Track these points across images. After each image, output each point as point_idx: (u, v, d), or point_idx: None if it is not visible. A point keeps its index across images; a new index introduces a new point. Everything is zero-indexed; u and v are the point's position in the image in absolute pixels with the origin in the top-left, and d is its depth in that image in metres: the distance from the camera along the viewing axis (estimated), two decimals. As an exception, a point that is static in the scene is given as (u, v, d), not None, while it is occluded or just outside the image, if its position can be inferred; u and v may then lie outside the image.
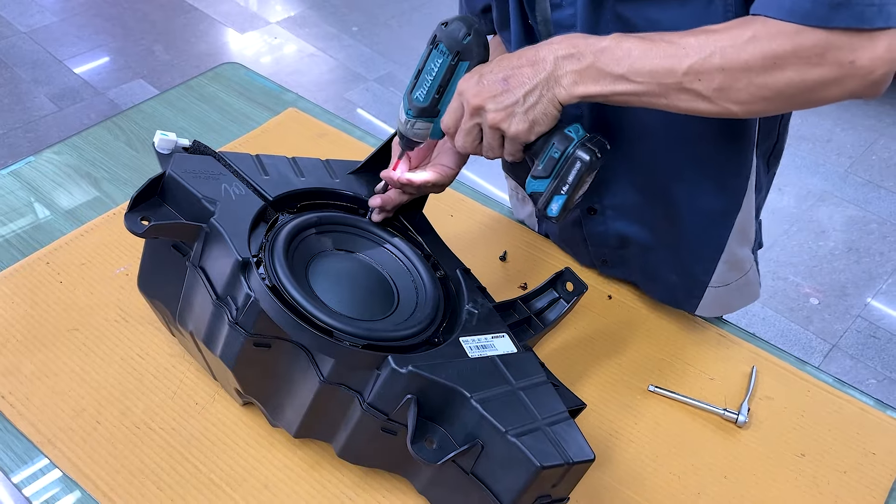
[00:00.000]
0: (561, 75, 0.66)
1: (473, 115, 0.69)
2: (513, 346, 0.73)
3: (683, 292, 0.94)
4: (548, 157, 0.70)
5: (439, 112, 0.74)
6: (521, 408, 0.66)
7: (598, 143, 0.71)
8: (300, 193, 0.79)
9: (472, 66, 0.71)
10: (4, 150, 2.48)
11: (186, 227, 0.72)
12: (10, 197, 1.09)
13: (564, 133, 0.69)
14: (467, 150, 0.72)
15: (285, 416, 0.74)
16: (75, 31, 3.04)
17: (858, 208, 2.43)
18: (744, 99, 0.63)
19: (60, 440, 0.79)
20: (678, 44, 0.63)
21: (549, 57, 0.66)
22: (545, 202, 0.71)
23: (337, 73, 2.94)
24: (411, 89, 0.74)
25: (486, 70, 0.69)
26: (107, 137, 1.20)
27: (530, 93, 0.67)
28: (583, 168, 0.69)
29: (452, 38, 0.70)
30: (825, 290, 2.17)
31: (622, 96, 0.66)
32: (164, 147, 0.77)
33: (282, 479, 0.77)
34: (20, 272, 0.96)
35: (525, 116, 0.67)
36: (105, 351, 0.88)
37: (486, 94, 0.68)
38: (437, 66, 0.71)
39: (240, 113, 1.26)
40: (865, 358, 2.01)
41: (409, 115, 0.75)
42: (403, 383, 0.65)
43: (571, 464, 0.63)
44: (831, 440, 0.85)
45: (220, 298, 0.69)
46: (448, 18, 0.71)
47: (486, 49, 0.72)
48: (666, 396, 0.88)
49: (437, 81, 0.72)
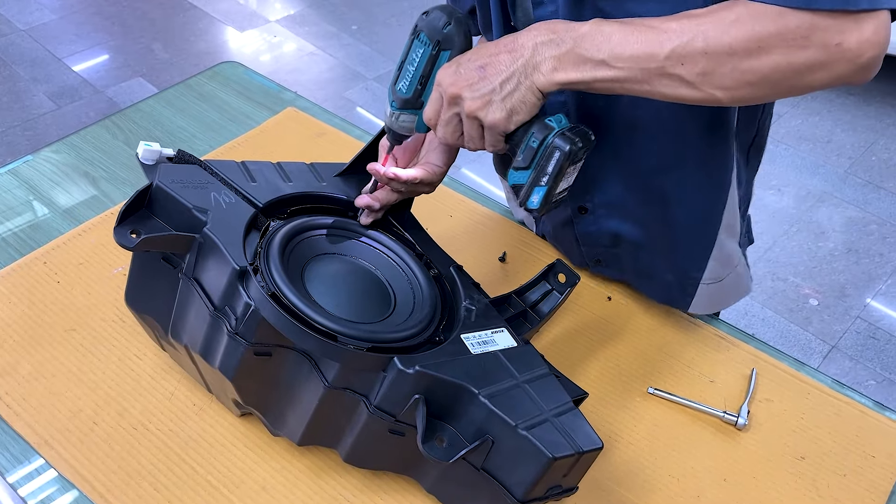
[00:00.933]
0: (540, 61, 0.65)
1: (451, 105, 0.68)
2: (512, 340, 0.73)
3: (677, 290, 0.94)
4: (527, 146, 0.68)
5: (423, 104, 0.73)
6: (528, 400, 0.66)
7: (580, 132, 0.69)
8: (289, 199, 0.78)
9: (453, 55, 0.70)
10: (3, 148, 2.47)
11: (179, 238, 0.70)
12: (7, 196, 1.08)
13: (545, 122, 0.68)
14: (448, 140, 0.72)
15: (288, 425, 0.73)
16: (74, 29, 3.03)
17: (858, 209, 2.43)
18: (728, 84, 0.61)
19: (57, 441, 0.79)
20: (660, 28, 0.62)
21: (527, 43, 0.65)
22: (526, 194, 0.70)
23: (336, 71, 2.93)
24: (395, 81, 0.73)
25: (465, 59, 0.68)
26: (105, 136, 1.19)
27: (508, 80, 0.65)
28: (562, 157, 0.67)
29: (433, 27, 0.69)
30: (825, 291, 2.17)
31: (603, 83, 0.64)
32: (149, 158, 0.75)
33: (280, 481, 0.77)
34: (17, 272, 0.96)
35: (503, 104, 0.66)
36: (102, 351, 0.87)
37: (463, 82, 0.67)
38: (419, 56, 0.70)
39: (239, 112, 1.25)
40: (865, 359, 2.00)
41: (393, 108, 0.74)
42: (411, 384, 0.65)
43: (581, 453, 0.64)
44: (831, 443, 0.85)
45: (217, 309, 0.68)
46: (429, 8, 0.71)
47: (468, 38, 0.71)
48: (665, 399, 0.88)
49: (418, 72, 0.71)
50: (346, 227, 0.79)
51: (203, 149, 1.18)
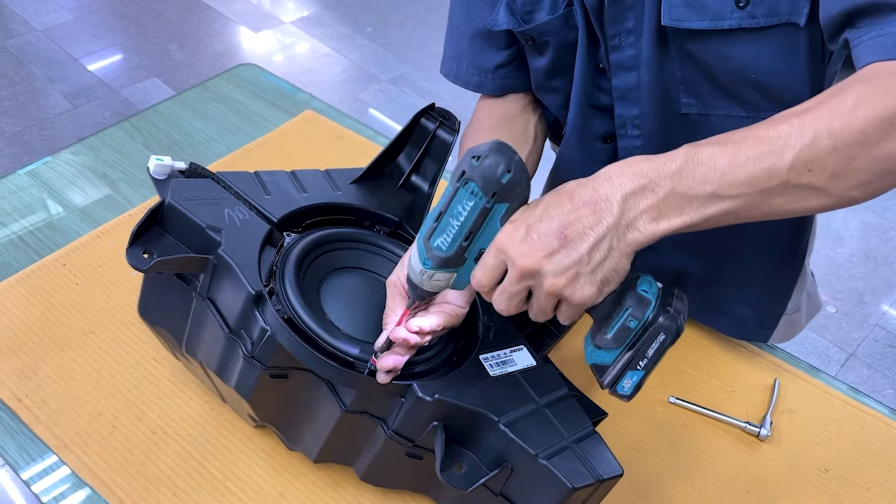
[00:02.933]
0: (634, 218, 0.53)
1: (523, 278, 0.56)
2: (532, 358, 0.72)
3: (754, 324, 0.88)
4: (619, 325, 0.57)
5: (465, 260, 0.60)
6: (548, 426, 0.65)
7: (678, 301, 0.57)
8: (304, 211, 0.76)
9: (511, 208, 0.57)
10: (19, 147, 2.49)
11: (193, 259, 0.68)
12: (26, 196, 1.08)
13: (639, 294, 0.57)
14: (510, 312, 0.59)
15: (304, 442, 0.72)
16: (90, 30, 3.05)
17: (877, 215, 2.41)
18: (865, 179, 0.51)
19: (77, 444, 0.79)
20: (769, 137, 0.51)
21: (613, 196, 0.53)
22: (614, 378, 0.58)
23: (350, 73, 2.93)
24: (429, 234, 0.59)
25: (533, 219, 0.55)
26: (124, 139, 1.20)
27: (597, 247, 0.53)
28: (668, 341, 0.57)
29: (488, 176, 0.56)
30: (842, 298, 2.15)
31: (714, 219, 0.54)
32: (160, 172, 0.72)
33: (299, 488, 0.76)
34: (36, 273, 0.96)
35: (592, 277, 0.54)
36: (121, 354, 0.87)
37: (540, 253, 0.54)
38: (468, 210, 0.57)
39: (256, 114, 1.25)
40: (883, 367, 1.98)
41: (426, 266, 0.60)
42: (430, 411, 0.64)
43: (602, 481, 0.62)
44: (855, 455, 0.84)
45: (233, 332, 0.67)
46: (479, 149, 0.56)
47: (528, 187, 0.58)
48: (687, 408, 0.87)
49: (465, 227, 0.57)
50: (361, 240, 0.78)
51: (221, 151, 1.18)
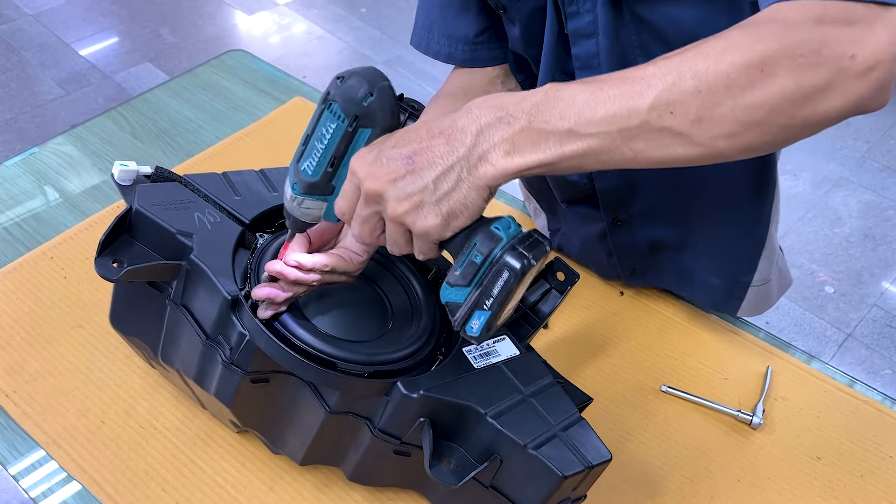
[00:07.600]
0: (487, 149, 0.51)
1: (370, 203, 0.54)
2: (514, 348, 0.71)
3: (724, 294, 0.89)
4: (467, 261, 0.54)
5: (334, 189, 0.59)
6: (535, 416, 0.65)
7: (533, 243, 0.54)
8: (276, 210, 0.75)
9: (374, 134, 0.56)
10: (12, 135, 2.47)
11: (165, 267, 0.66)
12: (13, 187, 1.07)
13: (490, 230, 0.54)
14: (366, 241, 0.58)
15: (288, 445, 0.72)
16: (82, 14, 3.01)
17: (875, 194, 2.39)
18: (731, 128, 0.49)
19: (65, 440, 0.78)
20: (634, 77, 0.50)
21: (469, 127, 0.51)
22: (463, 317, 0.55)
23: (345, 55, 2.90)
24: (298, 157, 0.58)
25: (387, 144, 0.54)
26: (112, 128, 1.18)
27: (444, 176, 0.51)
28: (511, 279, 0.53)
29: (349, 97, 0.55)
30: (840, 278, 2.14)
31: (572, 160, 0.51)
32: (125, 178, 0.70)
33: (288, 481, 0.76)
34: (23, 267, 0.95)
35: (437, 208, 0.52)
36: (109, 349, 0.87)
37: (385, 176, 0.52)
38: (330, 132, 0.56)
39: (245, 101, 1.24)
40: (881, 348, 1.98)
41: (295, 191, 0.59)
42: (415, 407, 0.63)
43: (591, 467, 0.62)
44: (847, 443, 0.83)
45: (210, 338, 0.65)
46: (347, 71, 0.56)
47: (395, 115, 0.57)
48: (678, 397, 0.86)
49: (329, 151, 0.56)
50: None
51: (210, 140, 1.16)
